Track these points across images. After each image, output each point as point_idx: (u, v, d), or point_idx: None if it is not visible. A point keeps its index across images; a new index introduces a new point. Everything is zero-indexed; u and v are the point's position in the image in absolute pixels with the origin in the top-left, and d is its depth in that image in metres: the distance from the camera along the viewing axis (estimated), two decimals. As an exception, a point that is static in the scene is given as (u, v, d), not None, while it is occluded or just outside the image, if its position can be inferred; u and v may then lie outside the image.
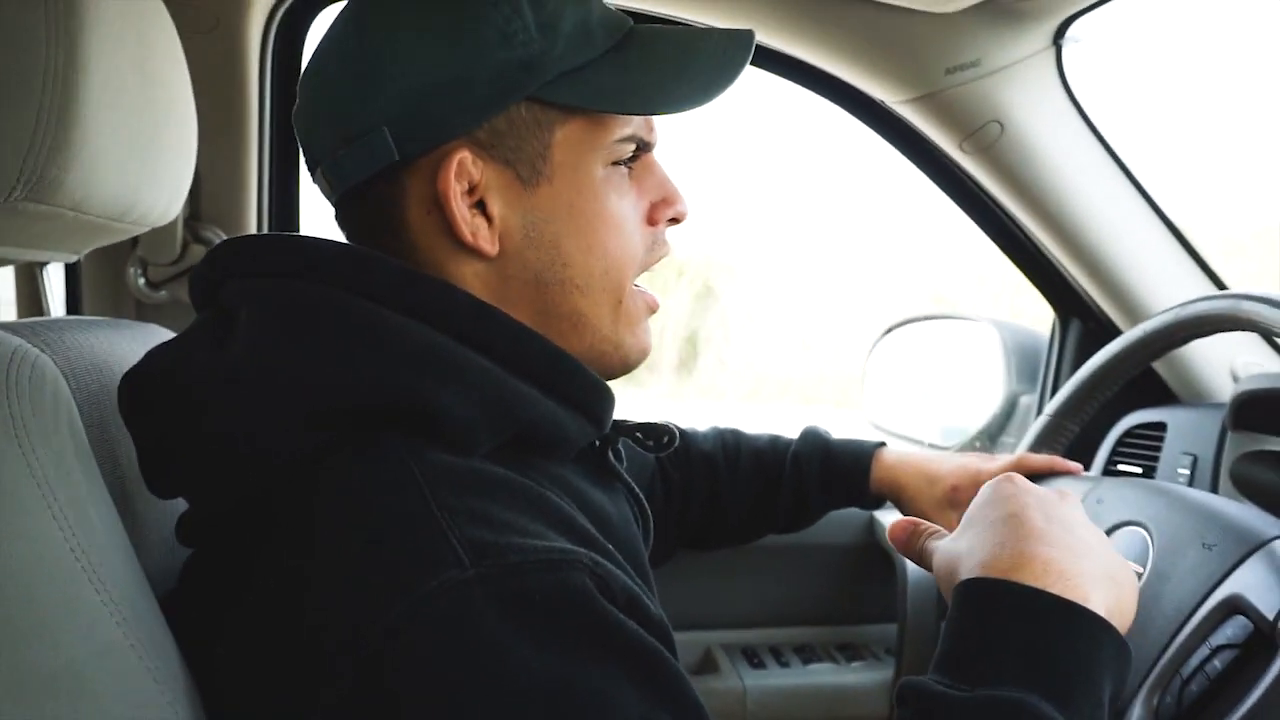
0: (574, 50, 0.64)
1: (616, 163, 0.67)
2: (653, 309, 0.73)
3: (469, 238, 0.64)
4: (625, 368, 0.71)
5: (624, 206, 0.68)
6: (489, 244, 0.64)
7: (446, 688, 0.47)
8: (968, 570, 0.63)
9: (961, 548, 0.66)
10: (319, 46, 0.68)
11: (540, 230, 0.65)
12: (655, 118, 0.71)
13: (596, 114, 0.65)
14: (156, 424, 0.60)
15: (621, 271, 0.68)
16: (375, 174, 0.64)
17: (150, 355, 0.61)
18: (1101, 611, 0.59)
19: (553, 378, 0.63)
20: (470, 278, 0.65)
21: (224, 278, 0.64)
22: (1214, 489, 1.15)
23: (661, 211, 0.71)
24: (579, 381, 0.65)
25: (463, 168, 0.63)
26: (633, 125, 0.67)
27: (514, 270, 0.66)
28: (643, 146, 0.69)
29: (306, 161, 0.70)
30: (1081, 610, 0.58)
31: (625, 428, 0.75)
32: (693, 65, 0.67)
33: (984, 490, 0.70)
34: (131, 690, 0.51)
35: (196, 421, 0.57)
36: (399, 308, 0.60)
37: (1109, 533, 0.92)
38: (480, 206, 0.64)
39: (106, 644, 0.51)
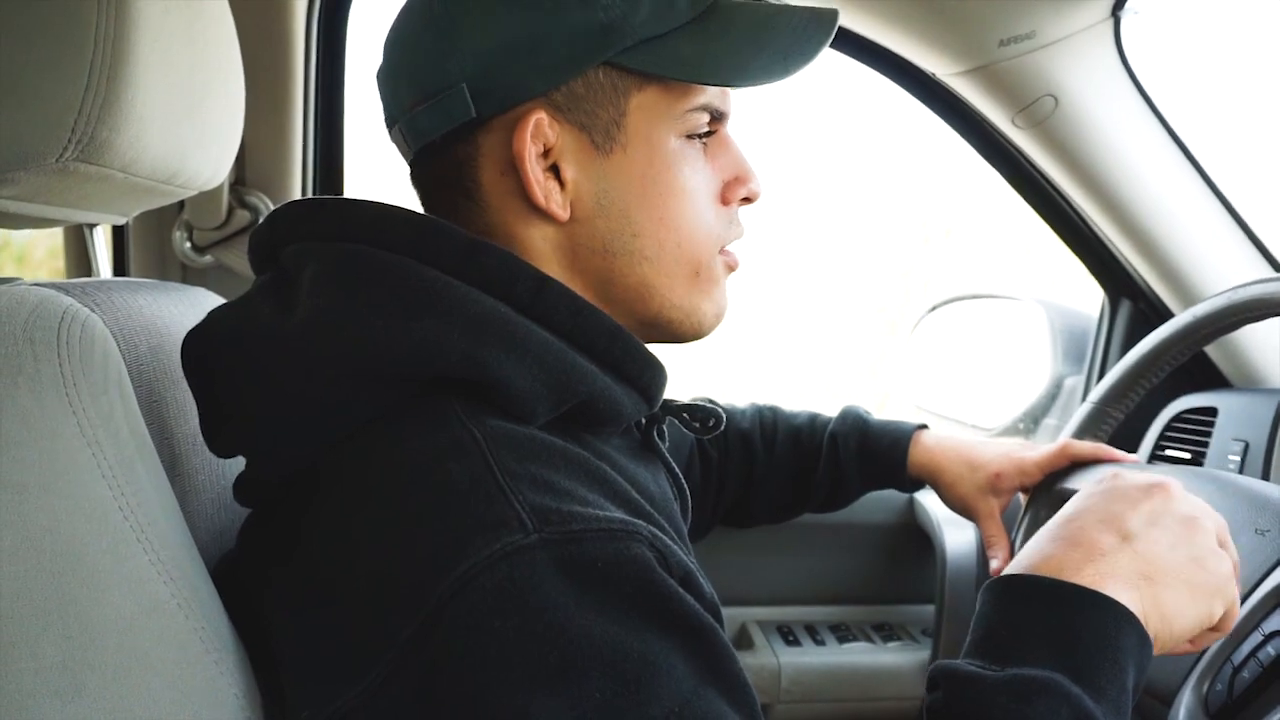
0: (656, 18, 0.64)
1: (690, 136, 0.67)
2: (732, 269, 0.72)
3: (541, 201, 0.64)
4: (698, 334, 0.71)
5: (696, 180, 0.67)
6: (561, 209, 0.64)
7: (505, 650, 0.47)
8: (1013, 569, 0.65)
9: (1032, 545, 0.67)
10: (404, 6, 0.68)
11: (611, 198, 0.65)
12: (733, 91, 0.70)
13: (672, 82, 0.65)
14: (218, 384, 0.60)
15: (697, 246, 0.68)
16: (451, 132, 0.64)
17: (213, 315, 0.62)
18: (1125, 602, 0.60)
19: (610, 353, 0.63)
20: (539, 241, 0.65)
21: (285, 241, 0.64)
22: (1265, 476, 1.13)
23: (734, 190, 0.70)
24: (635, 357, 0.65)
25: (539, 129, 0.63)
26: (707, 94, 0.67)
27: (583, 237, 0.66)
28: (716, 116, 0.68)
29: (385, 119, 0.70)
30: (1104, 598, 0.60)
31: (672, 408, 0.75)
32: (772, 40, 0.66)
33: (1079, 494, 0.70)
34: (178, 648, 0.52)
35: (259, 382, 0.58)
36: (462, 276, 0.60)
37: None
38: (554, 171, 0.64)
39: (154, 602, 0.51)
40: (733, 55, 0.65)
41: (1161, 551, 0.63)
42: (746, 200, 0.72)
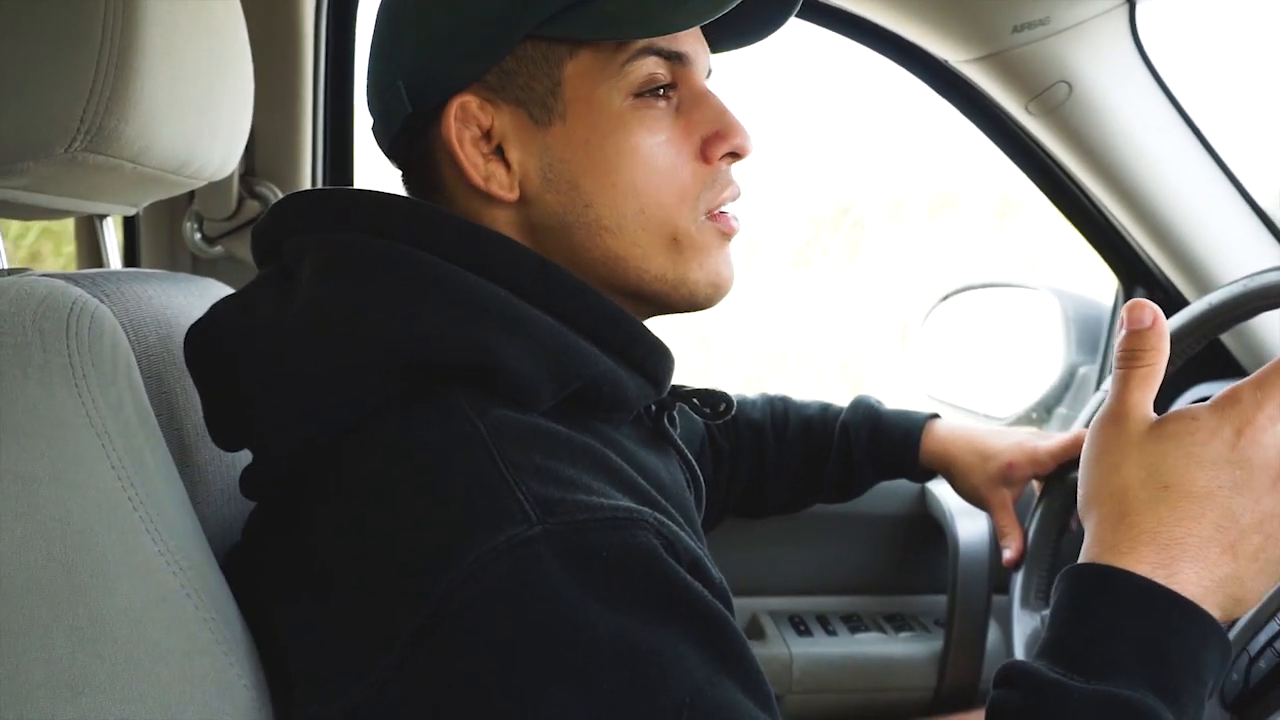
0: None
1: (643, 94, 0.63)
2: (727, 235, 0.68)
3: (481, 183, 0.64)
4: (694, 304, 0.68)
5: (655, 142, 0.64)
6: (504, 190, 0.64)
7: (512, 643, 0.47)
8: (1103, 534, 0.60)
9: (1119, 484, 0.61)
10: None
11: (557, 171, 0.64)
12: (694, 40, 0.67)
13: (600, 43, 0.62)
14: (222, 376, 0.60)
15: (665, 210, 0.64)
16: (408, 132, 0.66)
17: (216, 308, 0.62)
18: (1215, 607, 0.57)
19: (613, 336, 0.63)
20: (503, 226, 0.65)
21: (287, 232, 0.64)
22: (1282, 465, 1.12)
23: (715, 146, 0.66)
24: (639, 341, 0.64)
25: (466, 112, 0.63)
26: (649, 49, 0.63)
27: (538, 216, 0.65)
28: (672, 58, 0.64)
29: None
30: (1195, 609, 0.56)
31: (682, 393, 0.75)
32: None
33: (1206, 413, 0.60)
34: (187, 638, 0.52)
35: (261, 375, 0.57)
36: (462, 262, 0.60)
37: None
38: (500, 153, 0.64)
39: (163, 592, 0.51)
40: (659, 2, 0.61)
41: (1256, 565, 0.59)
42: (734, 157, 0.67)
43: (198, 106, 0.68)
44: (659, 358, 0.66)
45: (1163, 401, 1.30)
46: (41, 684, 0.48)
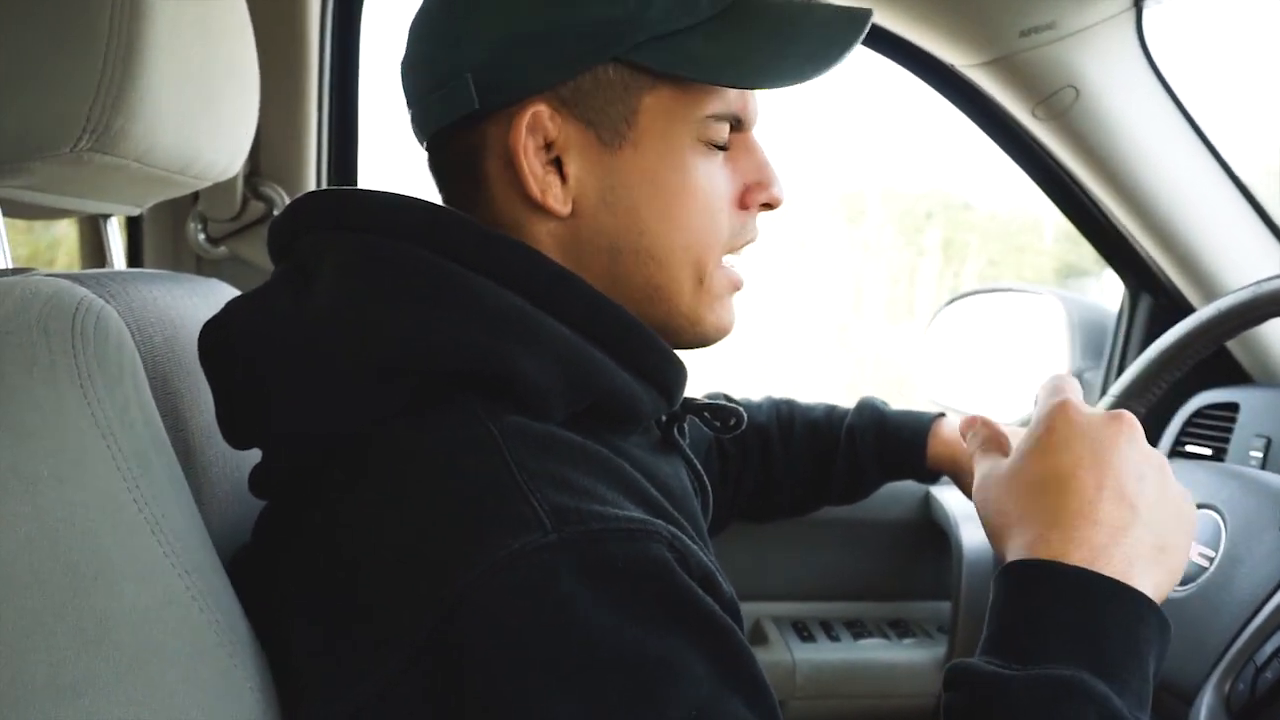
0: (673, 14, 0.62)
1: (709, 143, 0.65)
2: (737, 287, 0.70)
3: (537, 194, 0.63)
4: (699, 343, 0.70)
5: (713, 184, 0.66)
6: (559, 203, 0.63)
7: (521, 651, 0.46)
8: (1014, 543, 0.62)
9: (1007, 503, 0.64)
10: None
11: (618, 195, 0.64)
12: (759, 94, 0.69)
13: (688, 83, 0.63)
14: (236, 374, 0.60)
15: (705, 249, 0.66)
16: (458, 123, 0.64)
17: (231, 305, 0.62)
18: (1147, 586, 0.58)
19: (628, 349, 0.62)
20: (544, 236, 0.64)
21: (304, 231, 0.63)
22: (1288, 473, 1.12)
23: (755, 195, 0.68)
24: (654, 354, 0.64)
25: (537, 122, 0.62)
26: (727, 100, 0.65)
27: (587, 234, 0.64)
28: (736, 125, 0.67)
29: (407, 105, 0.69)
30: (1125, 588, 0.57)
31: (694, 406, 0.74)
32: (796, 39, 0.64)
33: (1038, 425, 0.65)
34: (192, 641, 0.52)
35: (277, 373, 0.57)
36: (480, 269, 0.59)
37: None
38: (557, 165, 0.63)
39: (168, 595, 0.51)
40: (751, 56, 0.63)
41: (1160, 514, 0.61)
42: (767, 206, 0.70)
43: (203, 107, 0.68)
44: (672, 369, 0.65)
45: (1168, 409, 1.30)
46: (44, 686, 0.48)
